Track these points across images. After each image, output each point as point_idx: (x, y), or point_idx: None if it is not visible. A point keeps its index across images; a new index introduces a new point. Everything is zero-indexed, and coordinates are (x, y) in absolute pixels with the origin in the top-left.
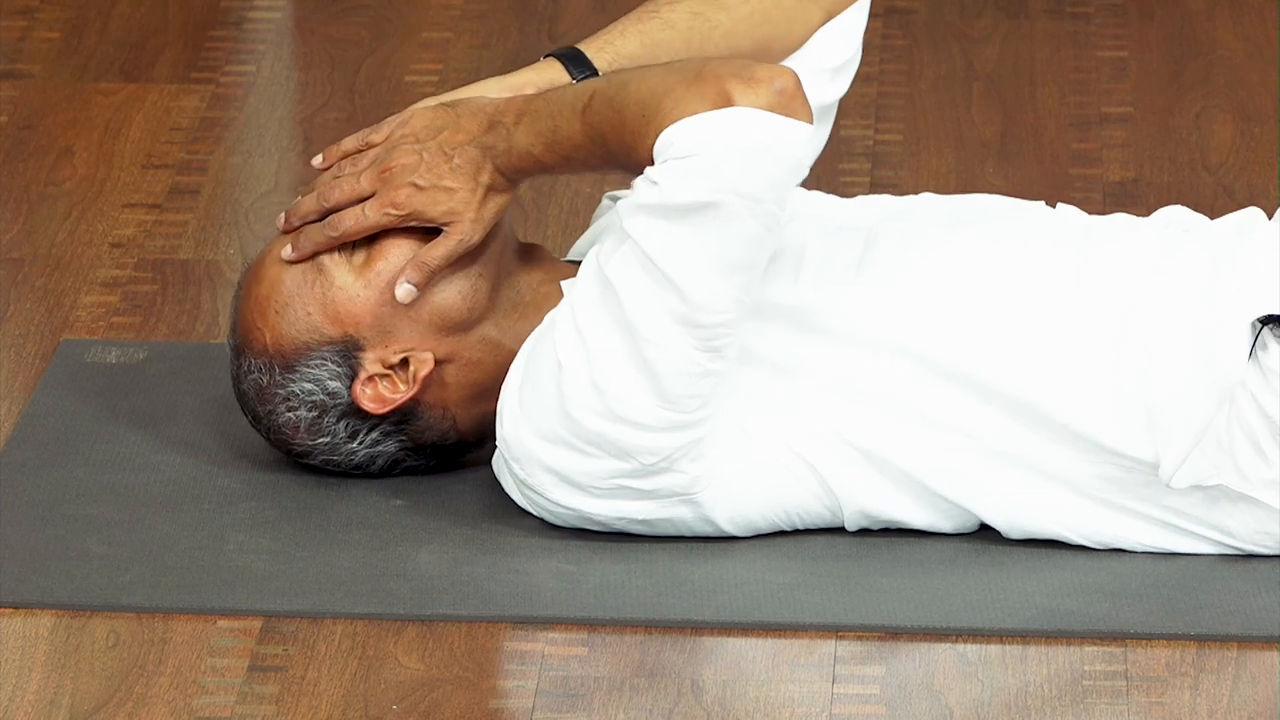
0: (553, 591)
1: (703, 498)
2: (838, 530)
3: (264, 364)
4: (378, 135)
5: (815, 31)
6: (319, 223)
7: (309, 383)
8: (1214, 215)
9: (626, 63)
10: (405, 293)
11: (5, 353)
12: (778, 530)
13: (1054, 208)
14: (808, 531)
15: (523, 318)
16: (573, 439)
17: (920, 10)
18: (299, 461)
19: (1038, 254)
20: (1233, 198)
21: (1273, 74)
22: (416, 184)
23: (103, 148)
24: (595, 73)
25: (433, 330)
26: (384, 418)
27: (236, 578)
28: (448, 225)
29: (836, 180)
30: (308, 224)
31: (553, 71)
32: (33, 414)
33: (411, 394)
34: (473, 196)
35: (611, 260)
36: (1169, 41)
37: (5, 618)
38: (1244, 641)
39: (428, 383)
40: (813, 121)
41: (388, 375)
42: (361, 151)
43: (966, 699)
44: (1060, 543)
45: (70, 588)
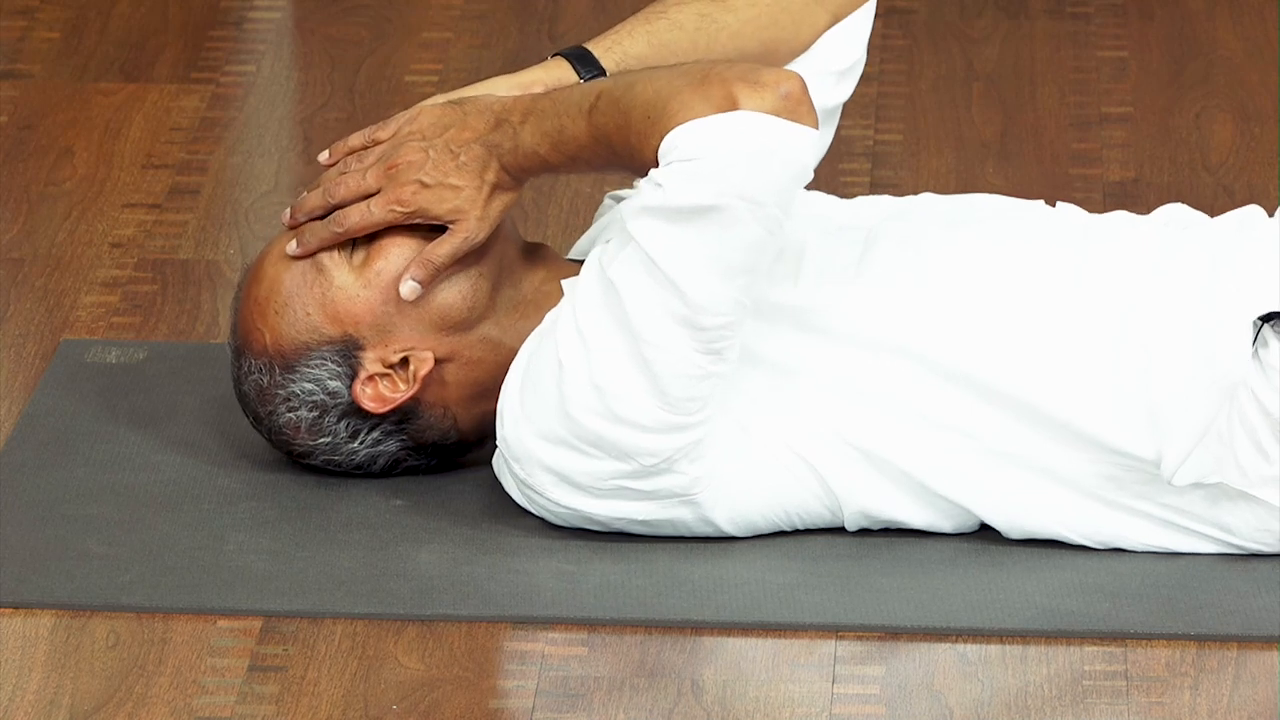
0: (553, 591)
1: (703, 498)
2: (838, 530)
3: (264, 364)
4: (384, 132)
5: (821, 34)
6: (324, 219)
7: (309, 383)
8: (1214, 215)
9: (634, 63)
10: (410, 290)
11: (5, 353)
12: (778, 530)
13: (1054, 207)
14: (808, 531)
15: (524, 317)
16: (573, 439)
17: (920, 10)
18: (300, 462)
19: (1038, 253)
20: (1233, 197)
21: (1273, 74)
22: (422, 181)
23: (103, 148)
24: (603, 72)
25: (433, 329)
26: (384, 417)
27: (236, 578)
28: (453, 223)
29: (836, 180)
30: (313, 220)
31: (560, 70)
32: (33, 414)
33: (412, 393)
34: (478, 194)
35: (614, 261)
36: (1169, 41)
37: (5, 618)
38: (1244, 641)
39: (428, 382)
40: (818, 126)
41: (388, 375)
42: (368, 148)
43: (966, 699)
44: (1060, 543)
45: (70, 588)
